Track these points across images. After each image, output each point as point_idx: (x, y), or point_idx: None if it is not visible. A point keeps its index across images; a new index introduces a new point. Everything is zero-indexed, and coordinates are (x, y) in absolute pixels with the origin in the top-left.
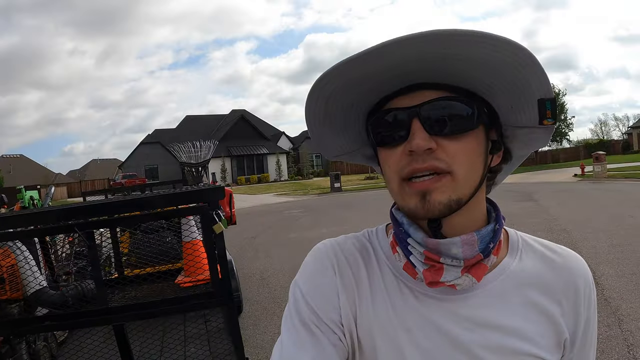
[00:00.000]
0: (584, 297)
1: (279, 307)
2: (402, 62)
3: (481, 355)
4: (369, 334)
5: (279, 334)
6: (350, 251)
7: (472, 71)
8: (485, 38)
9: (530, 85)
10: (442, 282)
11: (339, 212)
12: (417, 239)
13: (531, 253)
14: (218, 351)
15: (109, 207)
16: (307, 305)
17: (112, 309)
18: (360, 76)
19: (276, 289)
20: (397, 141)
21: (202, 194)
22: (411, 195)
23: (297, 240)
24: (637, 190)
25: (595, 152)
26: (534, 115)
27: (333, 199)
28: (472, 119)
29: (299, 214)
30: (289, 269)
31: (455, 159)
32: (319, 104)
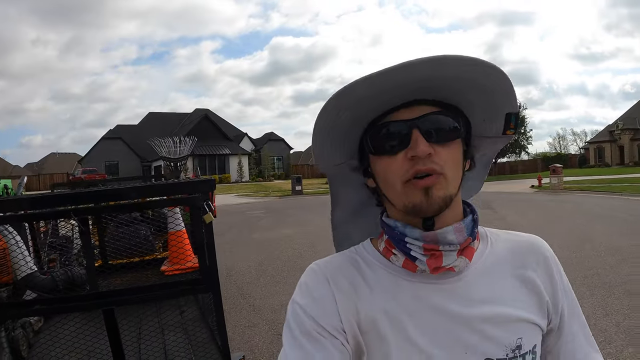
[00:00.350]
0: (554, 265)
1: (247, 302)
2: (411, 81)
3: (481, 327)
4: (374, 327)
5: (248, 328)
6: (341, 264)
7: (461, 91)
8: (482, 65)
9: (503, 103)
10: (444, 266)
11: (300, 214)
12: (415, 235)
13: (499, 239)
14: (196, 339)
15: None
16: (307, 316)
17: (104, 294)
18: (372, 93)
19: (243, 285)
20: (398, 149)
21: (195, 185)
22: (415, 192)
23: (260, 240)
24: (590, 202)
25: (552, 165)
26: (500, 127)
27: (294, 201)
28: (458, 131)
29: (261, 215)
30: (254, 266)
31: (446, 163)
32: (331, 115)
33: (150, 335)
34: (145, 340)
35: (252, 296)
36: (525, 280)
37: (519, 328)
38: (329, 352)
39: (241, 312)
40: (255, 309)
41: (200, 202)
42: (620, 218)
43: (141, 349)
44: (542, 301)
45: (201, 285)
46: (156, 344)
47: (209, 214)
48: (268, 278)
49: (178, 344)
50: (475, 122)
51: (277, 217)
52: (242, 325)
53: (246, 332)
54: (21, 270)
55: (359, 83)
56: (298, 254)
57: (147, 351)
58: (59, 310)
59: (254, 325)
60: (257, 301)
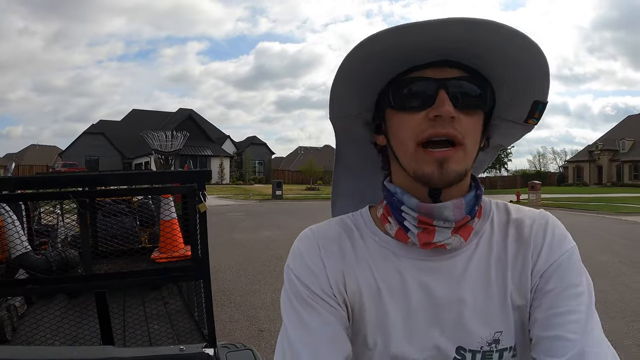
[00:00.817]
0: (543, 237)
1: (228, 299)
2: (443, 40)
3: (460, 313)
4: (356, 298)
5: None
6: (334, 230)
7: (493, 62)
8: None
9: (534, 88)
10: (434, 242)
11: (280, 218)
12: (411, 205)
13: (500, 213)
14: (180, 329)
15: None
16: (300, 283)
17: (97, 276)
18: (403, 45)
19: (224, 282)
20: (421, 107)
21: (192, 175)
22: (428, 162)
23: (240, 241)
24: (566, 219)
25: (531, 182)
26: (524, 113)
27: (274, 205)
28: (484, 101)
29: (241, 217)
30: (235, 266)
31: (467, 132)
32: (356, 62)
33: (134, 323)
34: (130, 328)
35: (233, 293)
36: (511, 261)
37: (501, 321)
38: (324, 317)
39: (222, 307)
40: (236, 305)
41: (197, 191)
42: (595, 235)
43: (126, 335)
44: (525, 283)
45: (193, 272)
46: (140, 332)
47: (204, 204)
48: (248, 277)
49: (161, 333)
50: (501, 100)
51: (257, 220)
52: (223, 320)
53: (227, 326)
54: (16, 249)
55: (390, 32)
56: (277, 256)
57: (132, 338)
58: (52, 290)
59: (235, 321)
60: (237, 298)
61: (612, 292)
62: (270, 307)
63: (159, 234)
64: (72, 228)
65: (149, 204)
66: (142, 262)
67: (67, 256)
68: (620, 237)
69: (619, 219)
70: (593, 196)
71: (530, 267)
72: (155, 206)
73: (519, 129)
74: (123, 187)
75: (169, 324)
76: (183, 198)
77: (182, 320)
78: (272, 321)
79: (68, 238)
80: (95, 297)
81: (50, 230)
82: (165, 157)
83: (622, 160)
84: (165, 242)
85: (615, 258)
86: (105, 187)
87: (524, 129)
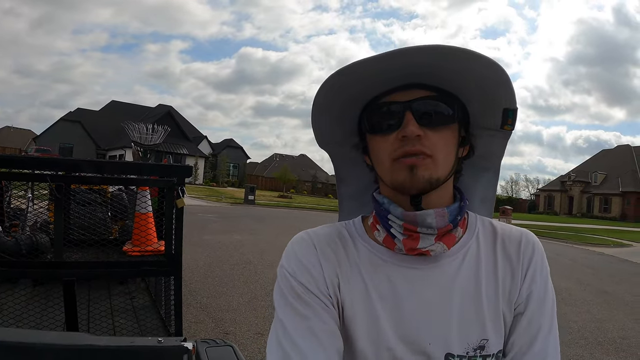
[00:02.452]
0: (538, 261)
1: (194, 299)
2: (408, 66)
3: (447, 319)
4: (349, 302)
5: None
6: (328, 234)
7: (458, 81)
8: (480, 58)
9: (500, 97)
10: (418, 248)
11: (251, 223)
12: (397, 214)
13: (487, 231)
14: (146, 325)
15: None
16: (296, 281)
17: (67, 264)
18: (373, 73)
19: (192, 283)
20: (391, 129)
21: (173, 170)
22: (401, 170)
23: (210, 242)
24: None
25: (503, 207)
26: (498, 121)
27: (246, 210)
28: (452, 117)
29: (212, 219)
30: (203, 266)
31: (437, 146)
32: (330, 93)
33: (100, 315)
34: (95, 320)
35: (199, 294)
36: (501, 277)
37: (487, 328)
38: (320, 314)
39: (189, 307)
40: (202, 306)
41: (176, 186)
42: (562, 263)
43: (90, 327)
44: (512, 298)
45: (165, 268)
46: (106, 324)
47: (182, 199)
48: (216, 279)
49: (126, 327)
50: (473, 111)
51: (228, 222)
52: (188, 320)
53: (192, 327)
54: None
55: (358, 64)
56: (247, 260)
57: (96, 330)
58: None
59: (200, 322)
60: (204, 299)
61: (576, 320)
62: (237, 310)
63: (132, 226)
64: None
65: (123, 196)
66: (113, 254)
67: (38, 240)
68: (586, 267)
69: (586, 249)
70: (563, 225)
71: (519, 287)
72: (129, 199)
73: (499, 136)
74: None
75: (135, 319)
76: (160, 192)
77: (148, 316)
78: (238, 324)
79: (38, 223)
80: (63, 286)
81: (20, 214)
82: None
83: (593, 193)
84: (139, 235)
85: (581, 286)
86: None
87: (503, 135)
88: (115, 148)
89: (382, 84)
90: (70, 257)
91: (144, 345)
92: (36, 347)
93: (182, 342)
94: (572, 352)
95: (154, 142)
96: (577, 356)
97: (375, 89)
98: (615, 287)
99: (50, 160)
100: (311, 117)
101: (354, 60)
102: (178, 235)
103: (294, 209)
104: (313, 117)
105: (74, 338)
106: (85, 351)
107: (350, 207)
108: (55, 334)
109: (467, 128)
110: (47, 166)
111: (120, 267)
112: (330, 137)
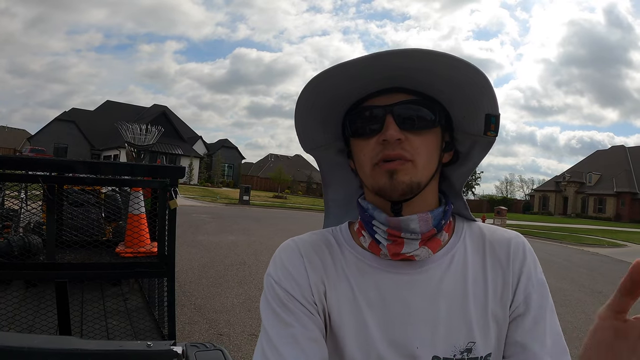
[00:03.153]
0: (529, 262)
1: (188, 300)
2: (383, 70)
3: (435, 323)
4: (336, 309)
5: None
6: (315, 241)
7: (435, 84)
8: (457, 62)
9: (482, 102)
10: (403, 253)
11: (246, 224)
12: (381, 219)
13: (474, 235)
14: (139, 327)
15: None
16: (281, 289)
17: (60, 265)
18: (351, 77)
19: (186, 284)
20: (372, 133)
21: (165, 170)
22: (381, 175)
23: (204, 243)
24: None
25: (497, 207)
26: (481, 127)
27: (241, 210)
28: (433, 121)
29: (207, 219)
30: (197, 267)
31: (418, 150)
32: (311, 97)
33: (93, 317)
34: (88, 322)
35: (194, 295)
36: (491, 280)
37: (474, 331)
38: (304, 321)
39: (182, 309)
40: (196, 307)
41: (169, 187)
42: (557, 263)
43: (83, 329)
44: (505, 301)
45: (158, 269)
46: (99, 327)
47: (175, 200)
48: (210, 280)
49: (119, 329)
50: (456, 117)
51: (222, 223)
52: (182, 321)
53: (186, 328)
54: None
55: (331, 70)
56: (241, 261)
57: (89, 332)
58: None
59: (195, 323)
60: (198, 300)
61: (571, 320)
62: (231, 312)
63: (125, 227)
64: (35, 214)
65: (117, 197)
66: (106, 255)
67: (31, 242)
68: (581, 267)
69: (581, 250)
70: (557, 225)
71: (512, 289)
72: (122, 200)
73: (482, 142)
74: (93, 176)
75: (128, 321)
76: (153, 193)
77: (142, 318)
78: (232, 325)
79: (31, 224)
80: (56, 287)
81: (12, 215)
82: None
83: (587, 193)
84: (131, 236)
85: (576, 287)
86: (75, 175)
87: (487, 140)
88: (110, 148)
89: (364, 87)
90: (63, 259)
91: (132, 350)
92: (24, 351)
93: (172, 346)
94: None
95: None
96: (572, 357)
97: (357, 93)
98: (610, 287)
99: (42, 161)
100: (295, 122)
101: (326, 68)
102: (171, 237)
103: (288, 209)
104: (295, 120)
105: (63, 342)
106: (74, 355)
107: (337, 213)
108: (44, 338)
109: (451, 133)
110: (40, 167)
111: (112, 268)
112: (315, 142)
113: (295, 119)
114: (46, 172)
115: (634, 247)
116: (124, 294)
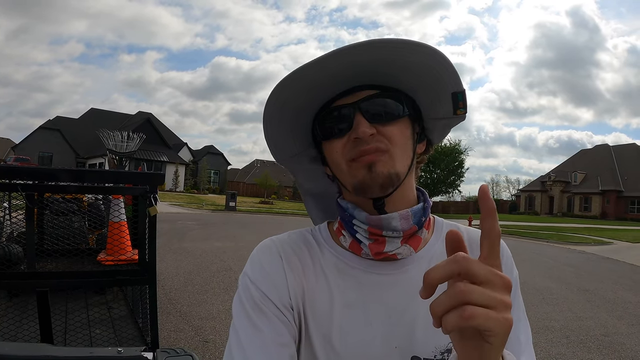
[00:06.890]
0: (506, 264)
1: (174, 307)
2: (340, 70)
3: (415, 323)
4: (314, 311)
5: (174, 332)
6: (294, 241)
7: (396, 74)
8: (415, 46)
9: (444, 82)
10: (385, 252)
11: (232, 230)
12: (361, 218)
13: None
14: (123, 335)
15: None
16: (257, 290)
17: (40, 274)
18: (309, 83)
19: (172, 291)
20: (343, 132)
21: (144, 177)
22: (359, 169)
23: (190, 250)
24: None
25: None
26: (449, 108)
27: (227, 216)
28: (400, 110)
29: (192, 226)
30: (183, 274)
31: (392, 140)
32: (275, 108)
33: (76, 326)
34: (72, 331)
35: (179, 302)
36: None
37: None
38: (276, 325)
39: (168, 316)
40: (182, 314)
41: (148, 194)
42: (544, 262)
43: (67, 338)
44: None
45: (139, 277)
46: (82, 336)
47: (154, 207)
48: (196, 287)
49: (103, 338)
50: (423, 104)
51: (208, 230)
52: (168, 329)
53: (172, 335)
54: None
55: (290, 77)
56: (227, 267)
57: (73, 341)
58: None
59: (180, 330)
60: (184, 307)
61: (558, 319)
62: (217, 318)
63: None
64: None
65: (99, 204)
66: (87, 264)
67: (11, 251)
68: (568, 265)
69: (567, 248)
70: (544, 225)
71: None
72: (105, 207)
73: (454, 123)
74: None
75: (112, 330)
76: (134, 200)
77: (126, 326)
78: (218, 332)
79: (14, 234)
80: (37, 297)
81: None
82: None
83: (573, 192)
84: (112, 244)
85: (562, 285)
86: (54, 183)
87: (458, 119)
88: (96, 156)
89: (325, 91)
90: (44, 268)
91: (103, 356)
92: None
93: (142, 352)
94: (555, 350)
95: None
96: (559, 355)
97: (321, 98)
98: (596, 284)
99: (23, 169)
100: (264, 134)
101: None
102: (152, 244)
103: (275, 214)
104: (264, 130)
105: (35, 349)
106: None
107: (316, 217)
108: (14, 345)
109: (421, 123)
110: (20, 175)
111: (93, 276)
112: (285, 150)
113: (264, 131)
114: (28, 181)
115: (620, 245)
116: (108, 302)
